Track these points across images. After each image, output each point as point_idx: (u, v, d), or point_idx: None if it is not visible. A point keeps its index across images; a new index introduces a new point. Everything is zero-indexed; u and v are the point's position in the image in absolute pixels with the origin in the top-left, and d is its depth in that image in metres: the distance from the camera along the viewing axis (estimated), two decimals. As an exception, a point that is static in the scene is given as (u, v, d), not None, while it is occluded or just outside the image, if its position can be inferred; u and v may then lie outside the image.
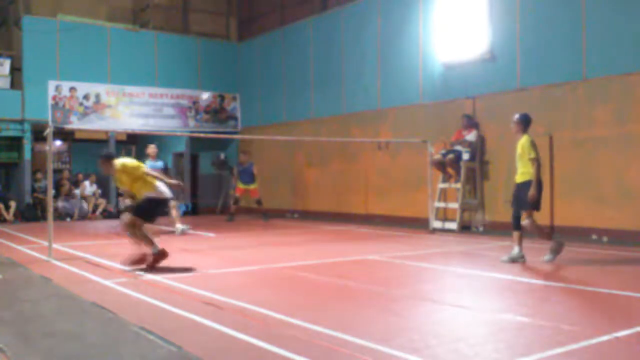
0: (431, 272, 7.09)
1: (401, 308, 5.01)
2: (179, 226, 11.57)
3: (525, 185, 7.25)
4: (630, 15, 9.59)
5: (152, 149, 11.79)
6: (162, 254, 7.07)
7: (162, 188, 7.31)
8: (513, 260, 7.35)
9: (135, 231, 7.02)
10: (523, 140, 7.40)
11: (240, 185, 14.81)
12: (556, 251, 7.41)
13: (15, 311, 4.99)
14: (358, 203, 14.38)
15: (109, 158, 7.36)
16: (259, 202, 14.63)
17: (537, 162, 7.23)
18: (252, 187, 14.72)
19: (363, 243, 9.96)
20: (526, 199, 7.20)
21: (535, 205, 7.28)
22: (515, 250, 7.41)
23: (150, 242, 7.02)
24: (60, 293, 5.71)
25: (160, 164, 11.71)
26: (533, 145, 7.34)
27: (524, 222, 7.28)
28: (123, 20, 17.73)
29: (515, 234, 7.44)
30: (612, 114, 9.76)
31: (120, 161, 7.30)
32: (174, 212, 11.63)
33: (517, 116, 7.60)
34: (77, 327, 4.44)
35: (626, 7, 9.65)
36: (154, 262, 7.01)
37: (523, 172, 7.32)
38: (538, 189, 7.18)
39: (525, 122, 7.56)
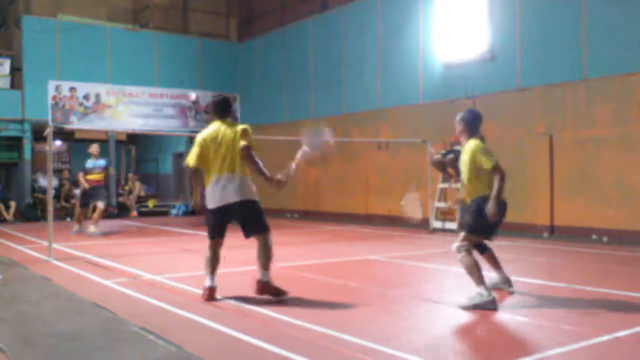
0: (431, 272, 7.09)
1: (401, 308, 5.01)
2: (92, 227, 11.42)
3: (477, 201, 5.14)
4: (630, 15, 9.59)
5: (94, 147, 11.65)
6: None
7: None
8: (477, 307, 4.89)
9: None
10: (471, 146, 5.21)
11: None
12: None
13: (15, 311, 4.99)
14: (358, 203, 14.38)
15: None
16: None
17: (499, 171, 5.00)
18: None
19: (363, 243, 9.96)
20: (479, 219, 5.08)
21: (490, 229, 5.24)
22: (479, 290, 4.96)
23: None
24: (60, 293, 5.71)
25: (101, 162, 11.69)
26: (486, 152, 5.13)
27: (461, 254, 5.10)
28: (123, 20, 17.72)
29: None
30: (612, 114, 9.76)
31: None
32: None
33: (460, 115, 5.44)
34: (77, 327, 4.44)
35: (626, 7, 9.65)
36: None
37: (475, 185, 5.19)
38: (499, 208, 4.99)
39: (472, 123, 5.36)
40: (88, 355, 3.76)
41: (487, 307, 4.81)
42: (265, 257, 5.34)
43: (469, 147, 5.23)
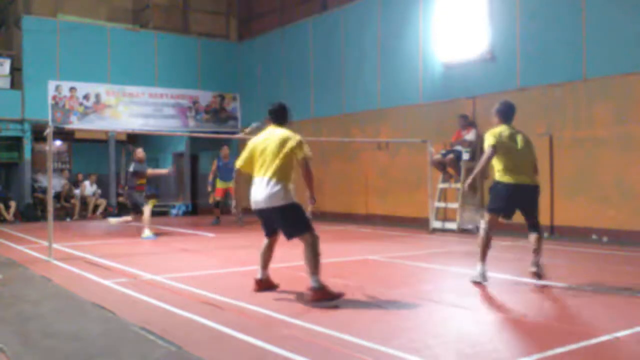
0: (431, 272, 7.09)
1: (401, 308, 5.01)
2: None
3: (492, 184, 6.13)
4: (630, 15, 9.59)
5: (141, 153, 11.28)
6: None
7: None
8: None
9: None
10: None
11: (220, 185, 13.68)
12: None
13: (15, 311, 4.99)
14: (358, 203, 14.38)
15: None
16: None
17: (484, 151, 6.03)
18: (231, 184, 13.50)
19: (363, 243, 9.96)
20: (491, 200, 6.12)
21: (503, 209, 6.03)
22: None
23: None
24: (60, 293, 5.71)
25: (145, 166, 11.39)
26: (489, 134, 6.04)
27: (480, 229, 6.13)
28: (123, 20, 17.73)
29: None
30: (612, 114, 9.76)
31: None
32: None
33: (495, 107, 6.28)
34: (77, 327, 4.44)
35: (626, 7, 9.65)
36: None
37: (491, 168, 6.25)
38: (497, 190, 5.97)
39: (502, 113, 6.21)
40: (88, 355, 3.76)
41: (476, 279, 5.87)
42: (311, 261, 5.18)
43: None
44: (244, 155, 5.52)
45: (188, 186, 18.26)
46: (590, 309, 4.98)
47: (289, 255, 8.35)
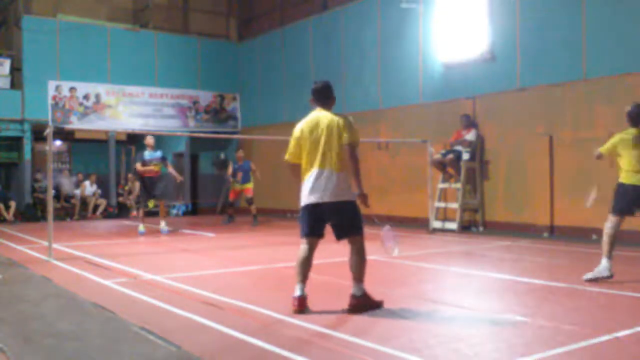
0: (431, 272, 7.08)
1: (401, 308, 5.01)
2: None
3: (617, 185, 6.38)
4: (630, 16, 9.59)
5: (150, 139, 11.62)
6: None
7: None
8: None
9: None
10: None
11: (237, 187, 13.98)
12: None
13: (15, 311, 4.99)
14: (358, 203, 14.35)
15: None
16: (250, 200, 13.77)
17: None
18: (247, 186, 13.88)
19: (363, 243, 9.95)
20: (615, 201, 6.44)
21: (626, 209, 6.44)
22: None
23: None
24: (60, 293, 5.71)
25: (159, 153, 11.74)
26: (618, 140, 6.55)
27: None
28: (123, 20, 17.73)
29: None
30: (612, 114, 9.76)
31: None
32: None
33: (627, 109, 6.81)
34: (77, 327, 4.44)
35: (626, 7, 9.65)
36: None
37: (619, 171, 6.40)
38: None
39: (632, 116, 6.70)
40: (88, 355, 3.76)
41: (602, 274, 6.03)
42: (359, 266, 4.86)
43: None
44: (292, 145, 5.05)
45: (188, 186, 18.26)
46: (590, 309, 4.98)
47: (289, 256, 8.35)
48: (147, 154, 11.50)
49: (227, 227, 13.19)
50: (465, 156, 11.53)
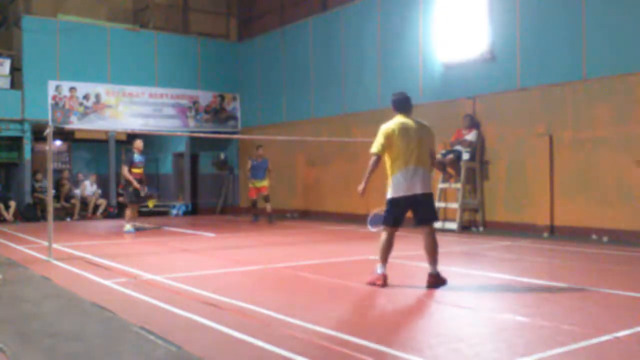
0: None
1: (401, 308, 5.01)
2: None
3: None
4: (630, 15, 9.59)
5: (140, 143, 12.10)
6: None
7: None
8: None
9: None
10: None
11: (254, 184, 14.16)
12: None
13: (15, 311, 4.99)
14: (358, 203, 14.36)
15: None
16: (266, 198, 13.91)
17: None
18: (263, 183, 14.09)
19: (363, 243, 9.96)
20: None
21: None
22: None
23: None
24: (60, 293, 5.71)
25: (143, 157, 12.19)
26: None
27: None
28: (123, 20, 17.73)
29: None
30: (612, 114, 9.76)
31: None
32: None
33: None
34: (77, 327, 4.44)
35: (626, 7, 9.65)
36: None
37: None
38: None
39: None
40: (88, 355, 3.76)
41: None
42: (434, 250, 5.82)
43: None
44: (382, 142, 5.94)
45: (188, 186, 18.27)
46: (590, 309, 4.98)
47: (289, 256, 8.35)
48: (137, 157, 11.92)
49: (227, 227, 13.19)
50: (466, 156, 11.53)
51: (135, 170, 11.83)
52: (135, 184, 11.65)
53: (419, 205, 5.87)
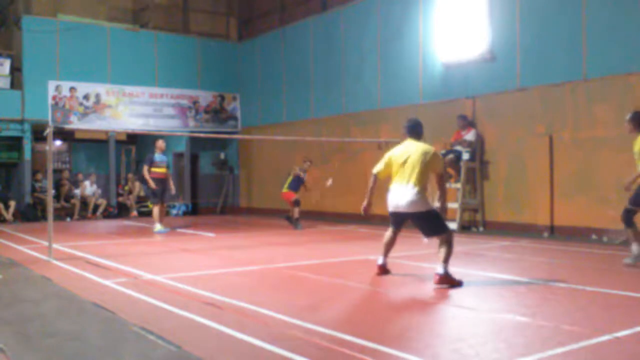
0: (431, 272, 7.06)
1: (401, 308, 5.01)
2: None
3: None
4: (630, 15, 9.59)
5: (162, 142, 12.17)
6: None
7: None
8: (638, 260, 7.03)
9: None
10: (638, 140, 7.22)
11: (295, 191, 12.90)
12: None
13: (15, 311, 4.99)
14: (358, 203, 14.33)
15: None
16: (296, 202, 12.76)
17: None
18: (293, 194, 12.79)
19: (363, 243, 9.96)
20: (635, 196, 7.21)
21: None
22: (635, 248, 7.13)
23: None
24: (60, 293, 5.71)
25: (166, 157, 12.35)
26: None
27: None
28: (123, 20, 17.73)
29: (629, 230, 7.31)
30: (612, 114, 9.76)
31: None
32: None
33: (629, 115, 7.46)
34: (77, 327, 4.44)
35: (626, 7, 9.65)
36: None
37: None
38: None
39: (637, 121, 7.32)
40: (88, 355, 3.76)
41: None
42: (446, 252, 5.87)
43: (636, 141, 7.18)
44: (382, 164, 6.45)
45: (188, 186, 18.26)
46: (590, 309, 4.98)
47: (289, 256, 8.35)
48: (158, 157, 11.97)
49: (227, 227, 13.19)
50: (465, 156, 11.53)
51: (155, 170, 11.89)
52: (152, 183, 11.65)
53: (414, 221, 6.21)
